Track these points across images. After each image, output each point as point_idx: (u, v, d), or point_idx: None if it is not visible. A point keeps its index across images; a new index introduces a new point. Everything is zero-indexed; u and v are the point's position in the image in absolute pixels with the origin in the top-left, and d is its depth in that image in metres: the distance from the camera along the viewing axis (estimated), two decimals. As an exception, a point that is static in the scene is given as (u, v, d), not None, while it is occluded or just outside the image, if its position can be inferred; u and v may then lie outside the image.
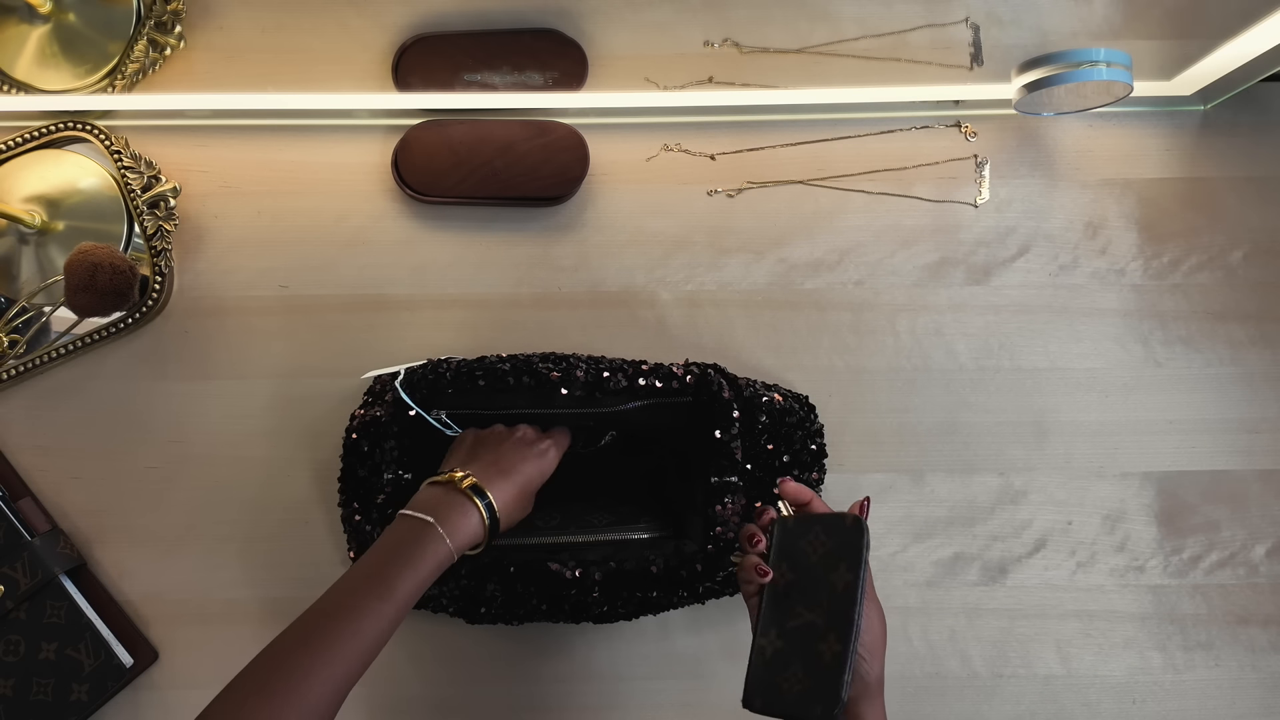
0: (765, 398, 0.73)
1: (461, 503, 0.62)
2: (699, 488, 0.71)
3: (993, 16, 0.84)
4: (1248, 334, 0.81)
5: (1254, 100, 0.83)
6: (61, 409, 0.79)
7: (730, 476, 0.69)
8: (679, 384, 0.70)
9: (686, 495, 0.73)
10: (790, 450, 0.74)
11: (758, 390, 0.74)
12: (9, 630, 0.73)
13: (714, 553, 0.69)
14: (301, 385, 0.79)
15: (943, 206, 0.82)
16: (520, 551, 0.70)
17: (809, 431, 0.75)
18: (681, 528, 0.73)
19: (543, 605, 0.70)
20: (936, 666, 0.77)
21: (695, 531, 0.71)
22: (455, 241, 0.81)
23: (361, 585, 0.57)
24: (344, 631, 0.54)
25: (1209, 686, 0.77)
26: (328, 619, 0.55)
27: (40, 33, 0.81)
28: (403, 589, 0.57)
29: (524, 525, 0.71)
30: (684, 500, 0.73)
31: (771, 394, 0.74)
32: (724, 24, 0.83)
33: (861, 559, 0.56)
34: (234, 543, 0.77)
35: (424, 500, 0.62)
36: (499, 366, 0.69)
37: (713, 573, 0.70)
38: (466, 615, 0.71)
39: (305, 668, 0.53)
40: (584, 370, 0.69)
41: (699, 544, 0.70)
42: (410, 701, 0.76)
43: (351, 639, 0.54)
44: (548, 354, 0.73)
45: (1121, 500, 0.79)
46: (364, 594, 0.56)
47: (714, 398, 0.69)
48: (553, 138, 0.80)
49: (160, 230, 0.77)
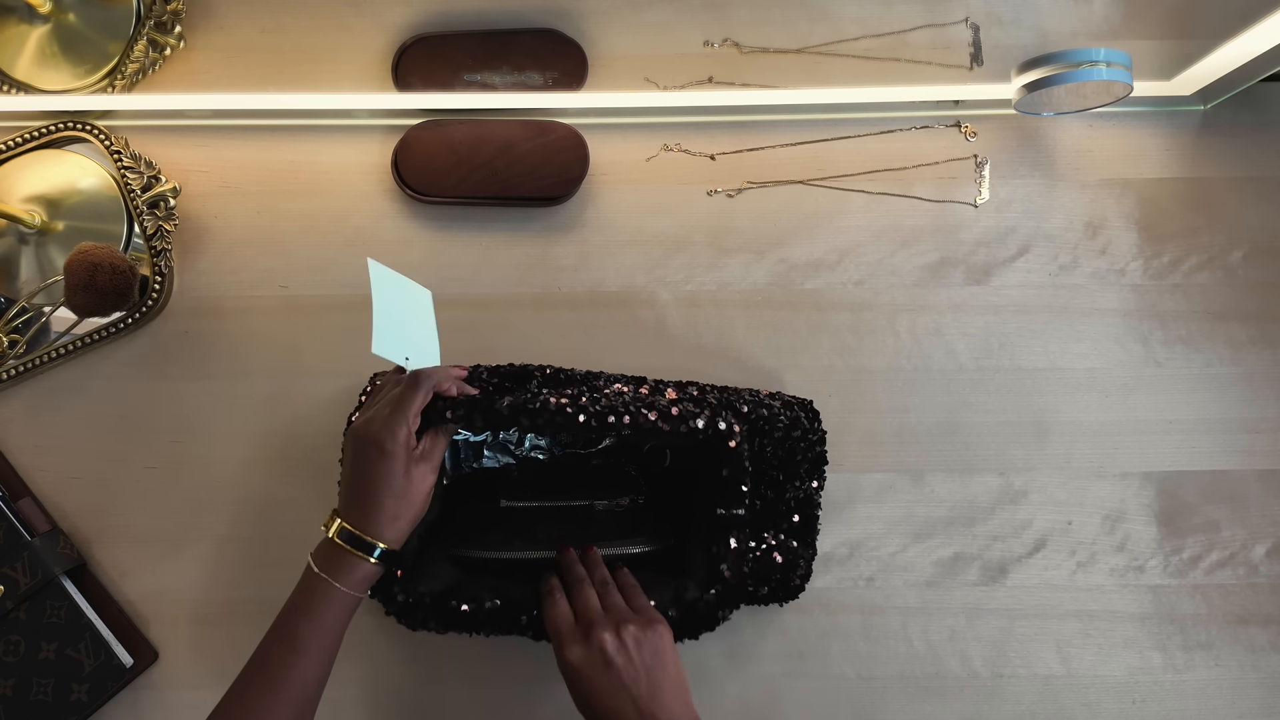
0: (778, 416, 0.71)
1: (339, 552, 0.61)
2: (702, 517, 0.69)
3: (993, 16, 0.84)
4: (1248, 334, 0.81)
5: (1254, 100, 0.83)
6: (61, 409, 0.79)
7: (736, 509, 0.67)
8: (687, 429, 0.66)
9: (689, 520, 0.71)
10: (793, 461, 0.73)
11: (763, 413, 0.71)
12: (9, 630, 0.73)
13: (716, 599, 0.67)
14: (301, 385, 0.79)
15: (943, 206, 0.82)
16: (523, 566, 0.70)
17: (811, 442, 0.74)
18: (682, 557, 0.71)
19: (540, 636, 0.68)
20: (936, 666, 0.77)
21: (697, 568, 0.69)
22: (455, 241, 0.81)
23: (272, 641, 0.61)
24: (261, 686, 0.59)
25: (1209, 686, 0.77)
26: (249, 673, 0.60)
27: (40, 33, 0.81)
28: (306, 638, 0.60)
29: (524, 535, 0.71)
30: (685, 520, 0.72)
31: (776, 405, 0.72)
32: (724, 24, 0.83)
33: None
34: (234, 543, 0.77)
35: (318, 548, 0.63)
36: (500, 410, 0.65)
37: (713, 621, 0.68)
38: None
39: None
40: (588, 415, 0.65)
41: (701, 588, 0.68)
42: (410, 701, 0.76)
43: (269, 692, 0.59)
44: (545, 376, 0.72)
45: (1121, 500, 0.79)
46: (273, 646, 0.60)
47: (722, 440, 0.66)
48: (553, 138, 0.80)
49: (160, 230, 0.77)
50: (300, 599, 0.61)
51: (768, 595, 0.73)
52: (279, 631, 0.61)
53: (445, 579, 0.69)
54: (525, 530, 0.72)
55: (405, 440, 0.61)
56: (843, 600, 0.77)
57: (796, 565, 0.72)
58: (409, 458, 0.61)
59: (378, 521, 0.61)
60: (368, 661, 0.75)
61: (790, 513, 0.72)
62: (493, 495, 0.75)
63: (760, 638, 0.76)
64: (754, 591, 0.72)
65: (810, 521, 0.73)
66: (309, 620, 0.60)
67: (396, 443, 0.60)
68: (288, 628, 0.60)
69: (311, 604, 0.60)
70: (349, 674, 0.74)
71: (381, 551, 0.61)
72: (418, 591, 0.66)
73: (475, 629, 0.67)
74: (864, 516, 0.78)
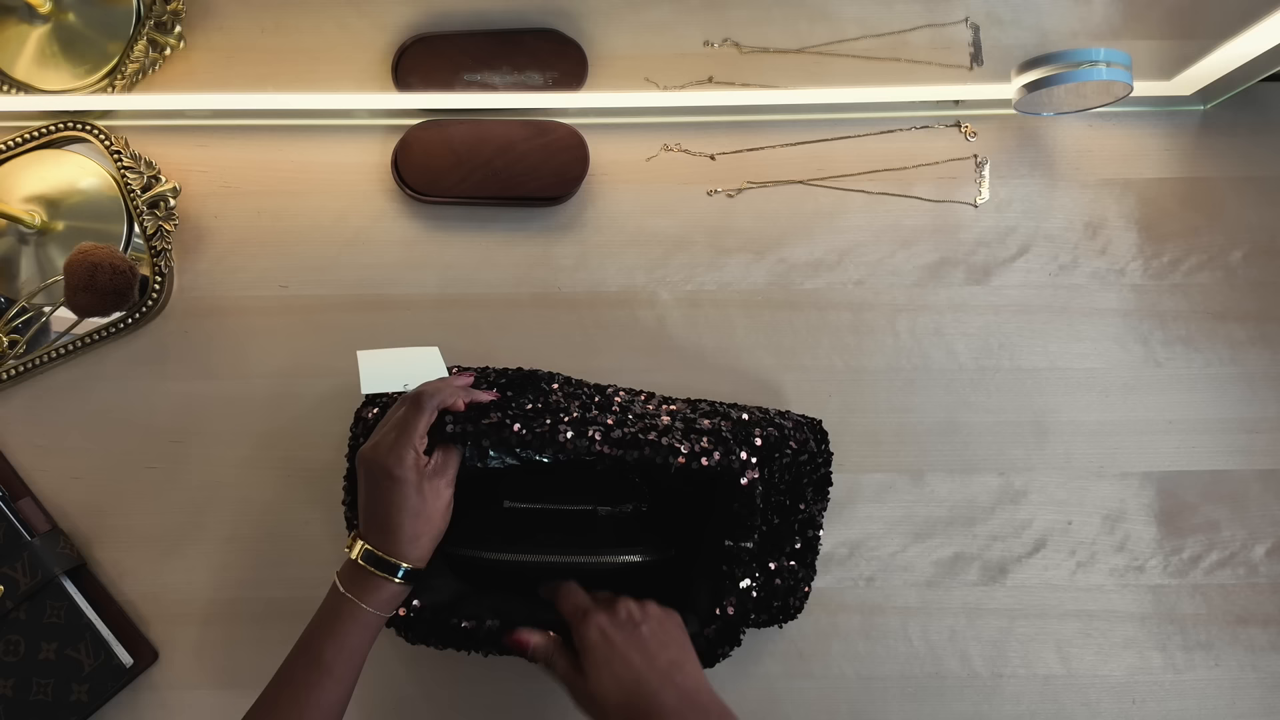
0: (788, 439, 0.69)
1: (363, 573, 0.61)
2: (710, 548, 0.68)
3: (993, 16, 0.84)
4: (1248, 334, 0.81)
5: (1254, 100, 0.83)
6: (61, 409, 0.79)
7: (745, 542, 0.66)
8: (698, 466, 0.65)
9: (692, 535, 0.70)
10: (799, 485, 0.72)
11: (772, 433, 0.69)
12: (9, 630, 0.73)
13: (715, 637, 0.66)
14: (301, 385, 0.79)
15: (943, 206, 0.82)
16: (524, 570, 0.70)
17: (818, 464, 0.73)
18: (681, 566, 0.70)
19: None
20: (936, 666, 0.77)
21: (701, 602, 0.68)
22: (455, 241, 0.81)
23: (297, 658, 0.61)
24: (286, 706, 0.59)
25: (1209, 686, 0.77)
26: (273, 692, 0.60)
27: (40, 33, 0.81)
28: (332, 658, 0.60)
29: (528, 540, 0.71)
30: (687, 532, 0.71)
31: (788, 426, 0.70)
32: (724, 24, 0.83)
33: None
34: (234, 543, 0.77)
35: (343, 568, 0.63)
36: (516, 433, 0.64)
37: (713, 658, 0.67)
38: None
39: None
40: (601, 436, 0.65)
41: (701, 621, 0.67)
42: (410, 701, 0.76)
43: (294, 713, 0.59)
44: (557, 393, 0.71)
45: (1121, 500, 0.79)
46: (299, 666, 0.60)
47: (735, 477, 0.65)
48: (553, 138, 0.80)
49: (160, 230, 0.77)
50: (325, 620, 0.61)
51: (766, 620, 0.73)
52: (304, 652, 0.61)
53: (446, 592, 0.68)
54: (528, 534, 0.72)
55: (414, 463, 0.61)
56: (843, 600, 0.77)
57: (796, 589, 0.72)
58: (420, 477, 0.61)
59: (398, 542, 0.61)
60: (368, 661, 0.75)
61: (793, 536, 0.72)
62: (496, 496, 0.75)
63: (760, 638, 0.76)
64: (754, 619, 0.72)
65: (811, 543, 0.73)
66: (335, 641, 0.60)
67: (405, 467, 0.60)
68: (313, 649, 0.60)
69: (337, 625, 0.60)
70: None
71: (405, 571, 0.61)
72: (417, 606, 0.66)
73: (475, 647, 0.67)
74: (864, 516, 0.78)
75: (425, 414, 0.62)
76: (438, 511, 0.62)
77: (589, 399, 0.72)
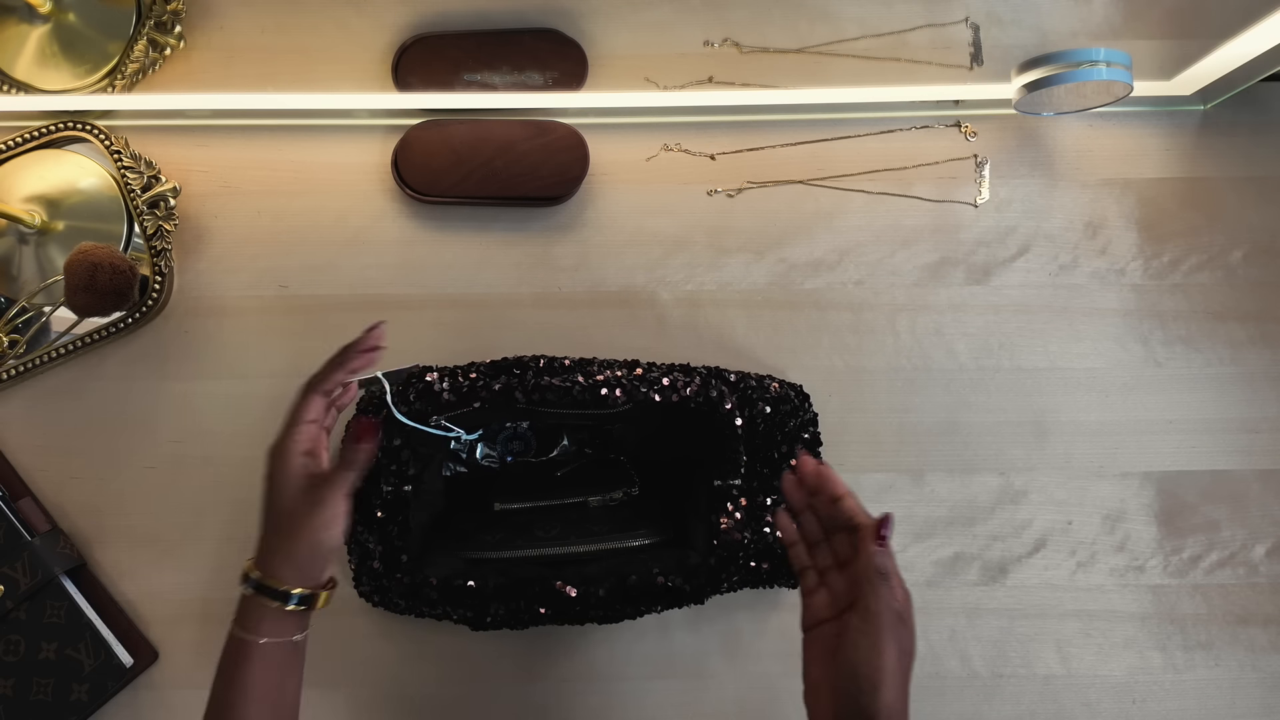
0: (767, 386, 0.73)
1: (252, 603, 0.56)
2: (701, 492, 0.70)
3: (993, 16, 0.84)
4: (1248, 334, 0.81)
5: (1254, 100, 0.83)
6: (61, 409, 0.79)
7: (733, 480, 0.69)
8: (679, 397, 0.68)
9: (687, 498, 0.72)
10: (785, 438, 0.74)
11: (753, 386, 0.74)
12: (9, 630, 0.73)
13: (717, 564, 0.68)
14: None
15: (943, 206, 0.82)
16: (522, 565, 0.70)
17: (802, 420, 0.75)
18: (684, 532, 0.72)
19: (548, 613, 0.69)
20: (936, 666, 0.77)
21: (699, 539, 0.70)
22: (455, 241, 0.81)
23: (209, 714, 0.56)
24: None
25: (1209, 686, 0.77)
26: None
27: (40, 33, 0.81)
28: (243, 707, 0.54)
29: (524, 535, 0.71)
30: (684, 502, 0.73)
31: (767, 381, 0.74)
32: (724, 24, 0.83)
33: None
34: (234, 543, 0.77)
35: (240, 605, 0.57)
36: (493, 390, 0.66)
37: (717, 583, 0.69)
38: (472, 624, 0.71)
39: None
40: (580, 389, 0.67)
41: (702, 554, 0.69)
42: (408, 701, 0.76)
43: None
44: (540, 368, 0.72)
45: (1121, 500, 0.79)
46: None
47: (714, 407, 0.68)
48: (553, 138, 0.80)
49: (160, 230, 0.77)
50: (225, 664, 0.56)
51: (769, 575, 0.73)
52: (214, 709, 0.55)
53: (450, 568, 0.69)
54: (524, 530, 0.72)
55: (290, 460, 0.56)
56: (843, 600, 0.77)
57: None
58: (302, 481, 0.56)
59: (272, 561, 0.55)
60: (367, 662, 0.75)
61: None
62: (485, 500, 0.75)
63: (760, 638, 0.76)
64: (755, 568, 0.72)
65: None
66: (239, 688, 0.54)
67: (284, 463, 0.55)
68: (221, 701, 0.55)
69: (233, 671, 0.55)
70: (347, 675, 0.75)
71: (299, 597, 0.55)
72: (424, 574, 0.67)
73: (483, 604, 0.68)
74: (864, 516, 0.78)
75: (307, 399, 0.58)
76: (318, 523, 0.55)
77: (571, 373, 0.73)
